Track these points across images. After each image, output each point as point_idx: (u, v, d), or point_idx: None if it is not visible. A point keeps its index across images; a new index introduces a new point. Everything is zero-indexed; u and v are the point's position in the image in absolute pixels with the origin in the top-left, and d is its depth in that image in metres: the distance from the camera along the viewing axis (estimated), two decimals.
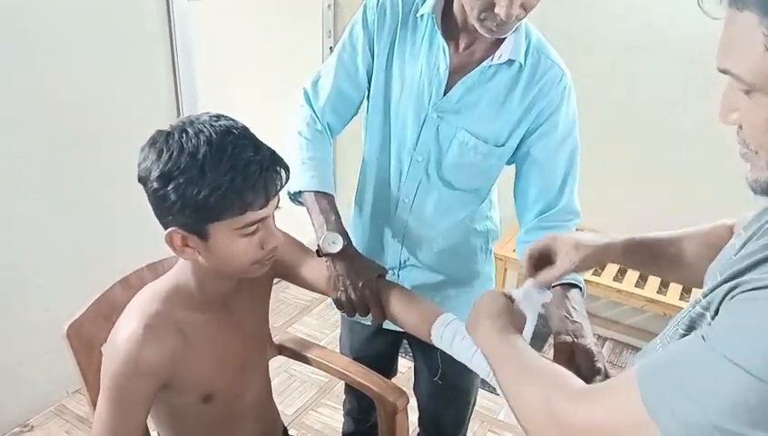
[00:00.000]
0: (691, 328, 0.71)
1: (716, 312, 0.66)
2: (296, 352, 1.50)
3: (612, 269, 2.51)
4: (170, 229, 0.94)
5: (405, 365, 2.06)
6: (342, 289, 1.15)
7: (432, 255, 1.38)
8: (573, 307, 1.05)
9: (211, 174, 0.89)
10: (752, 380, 0.52)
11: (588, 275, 2.43)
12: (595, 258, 0.99)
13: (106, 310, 1.20)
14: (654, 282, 2.44)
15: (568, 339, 0.99)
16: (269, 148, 0.97)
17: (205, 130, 0.91)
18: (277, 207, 1.01)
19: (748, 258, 0.66)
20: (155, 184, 0.90)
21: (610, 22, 2.43)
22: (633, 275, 2.48)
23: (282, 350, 1.50)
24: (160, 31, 2.20)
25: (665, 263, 1.02)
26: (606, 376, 0.94)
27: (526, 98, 1.20)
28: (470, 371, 0.98)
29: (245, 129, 0.97)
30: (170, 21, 2.21)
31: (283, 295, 3.00)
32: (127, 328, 0.98)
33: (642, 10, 2.35)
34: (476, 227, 1.38)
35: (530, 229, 1.27)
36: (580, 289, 1.11)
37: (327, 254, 1.17)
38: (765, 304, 0.57)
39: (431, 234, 1.35)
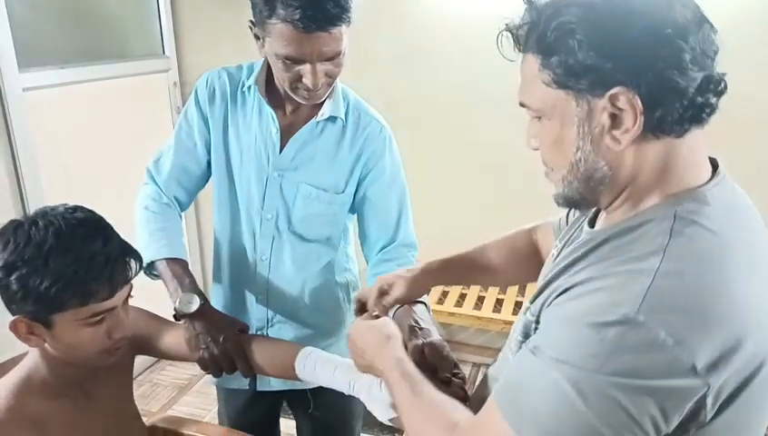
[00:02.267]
0: (526, 335, 0.82)
1: (538, 320, 0.79)
2: (168, 431, 1.47)
3: (472, 296, 2.71)
4: (15, 317, 0.95)
5: (291, 426, 2.06)
6: (204, 346, 1.19)
7: (297, 310, 1.45)
8: (420, 318, 1.18)
9: (54, 265, 0.91)
10: (576, 370, 0.63)
11: (450, 307, 2.61)
12: (416, 282, 1.15)
13: None
14: (508, 305, 2.65)
15: (419, 342, 1.10)
16: (121, 240, 1.01)
17: (56, 222, 0.95)
18: (129, 296, 1.03)
19: (558, 265, 0.80)
20: None
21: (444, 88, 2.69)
22: (490, 301, 2.68)
23: (154, 432, 1.47)
24: None
25: (478, 273, 1.20)
26: (455, 365, 1.06)
27: (353, 149, 1.35)
28: (347, 408, 1.06)
29: (99, 221, 1.00)
30: (5, 114, 2.16)
31: (158, 378, 2.89)
32: None
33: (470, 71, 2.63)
34: (336, 279, 1.48)
35: (375, 263, 1.41)
36: (425, 304, 1.24)
37: (184, 315, 1.21)
38: (566, 306, 0.71)
39: (293, 289, 1.43)
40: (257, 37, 1.22)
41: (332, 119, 1.33)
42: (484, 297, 2.70)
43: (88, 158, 2.56)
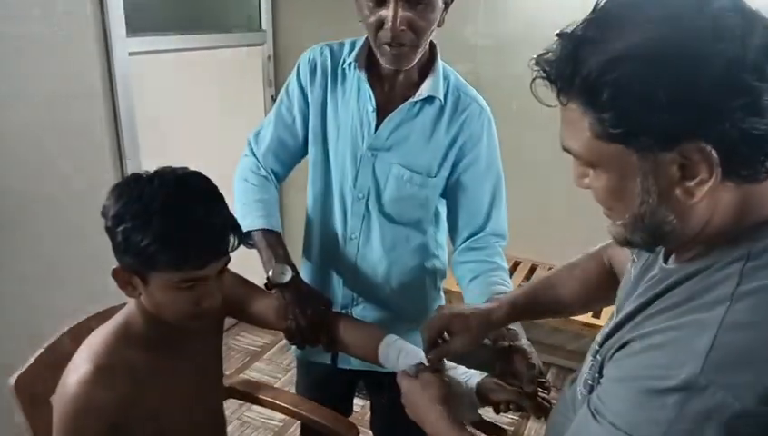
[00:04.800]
0: (591, 388, 0.78)
1: (601, 370, 0.74)
2: (246, 394, 1.52)
3: None
4: (118, 265, 1.00)
5: (359, 404, 2.09)
6: (292, 317, 1.21)
7: (383, 293, 1.44)
8: None
9: (155, 226, 0.94)
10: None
11: None
12: (486, 331, 1.10)
13: (53, 361, 1.20)
14: None
15: (505, 343, 1.08)
16: (227, 213, 1.03)
17: (169, 183, 0.97)
18: (225, 269, 1.05)
19: (631, 303, 0.73)
20: (109, 223, 0.97)
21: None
22: None
23: (232, 393, 1.52)
24: (101, 86, 2.23)
25: (549, 312, 1.15)
26: (541, 372, 1.03)
27: (450, 131, 1.32)
28: None
29: (211, 191, 1.02)
30: (111, 76, 2.26)
31: (233, 342, 2.99)
32: (77, 372, 1.00)
33: None
34: (424, 265, 1.46)
35: (461, 251, 1.38)
36: None
37: (276, 285, 1.23)
38: (626, 364, 0.67)
39: (380, 271, 1.42)
40: None
41: (430, 100, 1.30)
42: None
43: (182, 124, 2.65)
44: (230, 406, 1.55)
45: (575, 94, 0.63)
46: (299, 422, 1.63)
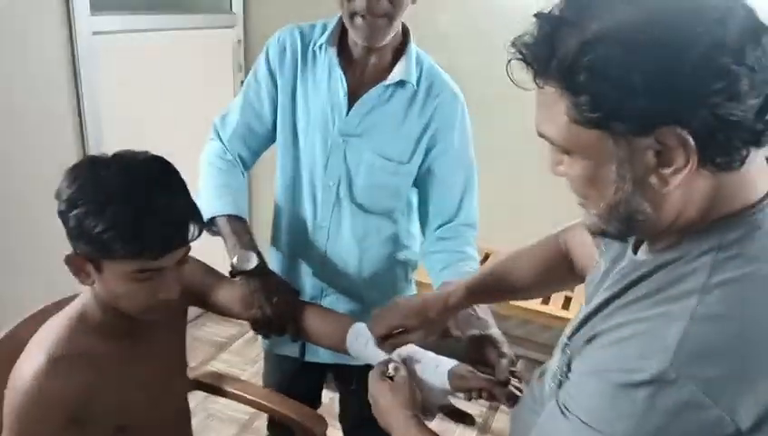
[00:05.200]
0: (560, 382, 0.76)
1: (570, 364, 0.73)
2: (212, 386, 1.48)
3: None
4: (71, 252, 0.95)
5: (328, 396, 2.06)
6: (257, 306, 1.17)
7: (353, 284, 1.41)
8: (476, 307, 1.14)
9: (111, 212, 0.89)
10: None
11: None
12: (444, 317, 1.09)
13: (10, 351, 1.12)
14: (557, 299, 2.58)
15: (476, 332, 1.08)
16: (188, 201, 0.98)
17: (128, 168, 0.93)
18: (184, 259, 1.00)
19: (600, 295, 0.72)
20: (62, 206, 0.92)
21: None
22: None
23: (198, 385, 1.48)
24: (63, 67, 2.15)
25: (506, 294, 1.14)
26: (512, 361, 1.02)
27: (423, 117, 1.29)
28: None
29: (171, 176, 0.97)
30: (74, 57, 2.17)
31: (199, 333, 2.92)
32: (30, 362, 0.95)
33: None
34: (395, 256, 1.43)
35: (432, 241, 1.36)
36: None
37: (241, 272, 1.19)
38: (596, 357, 0.66)
39: (350, 262, 1.39)
40: None
41: (402, 84, 1.27)
42: None
43: (148, 107, 2.57)
44: (195, 398, 1.51)
45: (551, 76, 0.61)
46: (266, 415, 1.59)
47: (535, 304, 2.53)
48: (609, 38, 0.56)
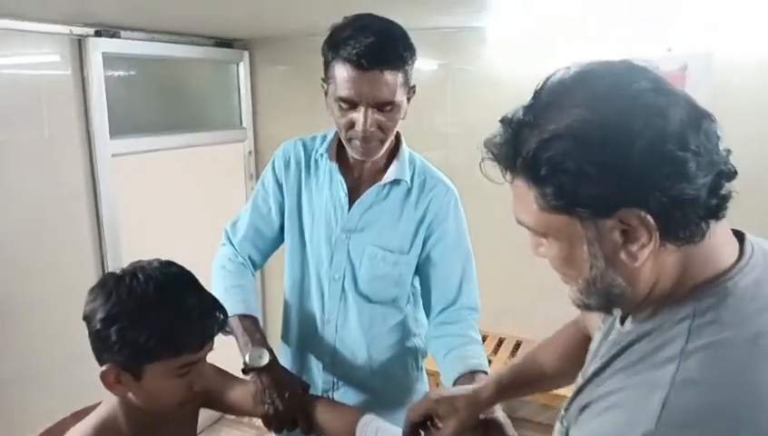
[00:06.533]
0: None
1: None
2: None
3: None
4: (106, 366, 0.99)
5: None
6: (269, 401, 1.21)
7: (364, 374, 1.44)
8: None
9: (152, 319, 0.96)
10: None
11: None
12: (475, 413, 1.09)
13: None
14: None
15: (481, 416, 1.08)
16: (210, 295, 1.06)
17: (154, 276, 1.00)
18: (210, 349, 1.07)
19: (590, 366, 0.76)
20: (98, 325, 0.97)
21: None
22: None
23: None
24: (84, 185, 2.30)
25: (535, 387, 1.16)
26: None
27: (418, 210, 1.38)
28: None
29: (191, 276, 1.06)
30: (94, 177, 2.33)
31: None
32: None
33: None
34: (404, 344, 1.47)
35: (435, 325, 1.40)
36: (486, 373, 1.22)
37: (253, 369, 1.24)
38: (589, 427, 0.70)
39: (360, 353, 1.43)
40: (326, 93, 1.29)
41: (397, 182, 1.37)
42: None
43: (166, 219, 2.69)
44: None
45: (518, 171, 0.68)
46: None
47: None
48: (564, 136, 0.63)
